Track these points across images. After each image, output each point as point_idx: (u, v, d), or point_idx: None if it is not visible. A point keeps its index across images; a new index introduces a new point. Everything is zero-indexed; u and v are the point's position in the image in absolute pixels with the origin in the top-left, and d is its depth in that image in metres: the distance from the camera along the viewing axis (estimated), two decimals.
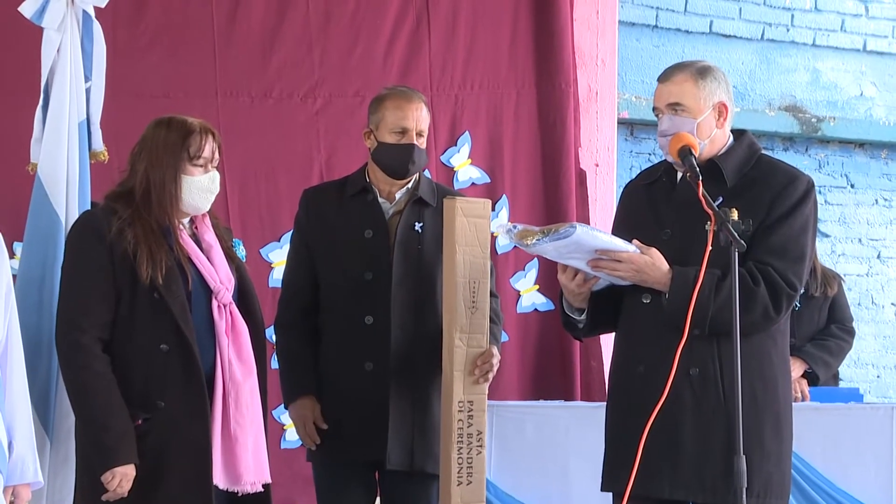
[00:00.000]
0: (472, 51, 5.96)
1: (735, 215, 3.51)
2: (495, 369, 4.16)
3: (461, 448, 4.09)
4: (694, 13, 7.68)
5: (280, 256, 5.48)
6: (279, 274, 4.94)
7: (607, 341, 4.72)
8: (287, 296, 4.36)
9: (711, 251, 3.53)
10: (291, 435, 5.36)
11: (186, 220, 3.88)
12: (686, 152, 3.66)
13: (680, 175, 3.79)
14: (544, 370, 5.96)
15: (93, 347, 3.69)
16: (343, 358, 4.22)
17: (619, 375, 3.82)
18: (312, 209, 4.36)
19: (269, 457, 3.90)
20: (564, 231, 3.57)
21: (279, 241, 5.65)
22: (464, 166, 5.94)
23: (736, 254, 3.46)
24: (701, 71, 3.76)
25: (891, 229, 8.25)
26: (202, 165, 3.82)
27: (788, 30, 7.95)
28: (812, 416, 5.25)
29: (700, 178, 3.59)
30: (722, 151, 3.77)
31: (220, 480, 3.74)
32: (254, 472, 3.79)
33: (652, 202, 3.83)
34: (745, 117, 7.26)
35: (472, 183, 5.93)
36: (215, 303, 3.80)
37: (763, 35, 7.89)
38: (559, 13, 6.00)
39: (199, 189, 3.81)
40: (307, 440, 4.24)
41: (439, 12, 5.92)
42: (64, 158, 4.09)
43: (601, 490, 3.81)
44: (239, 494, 3.79)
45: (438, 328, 4.17)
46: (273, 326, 4.37)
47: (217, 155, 3.86)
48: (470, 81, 5.96)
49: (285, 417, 5.09)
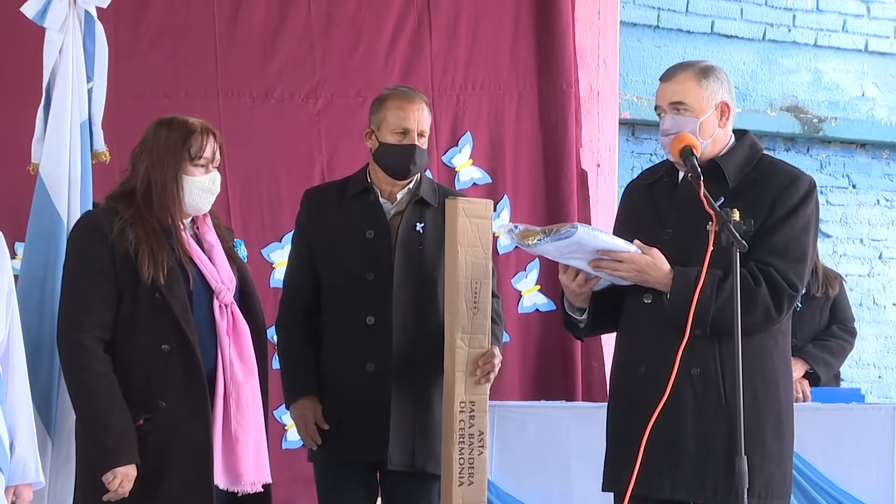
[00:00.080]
0: (474, 51, 5.96)
1: (736, 216, 3.50)
2: (497, 370, 4.16)
3: (462, 448, 4.08)
4: (695, 13, 7.67)
5: (281, 257, 5.47)
6: (280, 274, 4.93)
7: (608, 341, 4.71)
8: (288, 296, 4.35)
9: (713, 251, 3.53)
10: (293, 435, 5.36)
11: (188, 221, 3.88)
12: (688, 153, 3.65)
13: (681, 175, 3.79)
14: (545, 370, 5.96)
15: (94, 347, 3.69)
16: (344, 358, 4.22)
17: (621, 375, 3.82)
18: (314, 209, 4.35)
19: (271, 457, 3.90)
20: (566, 231, 3.56)
21: (280, 242, 5.64)
22: (465, 167, 5.93)
23: (737, 254, 3.46)
24: (704, 70, 3.76)
25: (892, 230, 8.24)
26: (203, 166, 3.82)
27: (790, 30, 7.94)
28: (813, 417, 5.24)
29: (701, 179, 3.59)
30: (723, 152, 3.77)
31: (221, 480, 3.74)
32: (254, 473, 3.79)
33: (653, 202, 3.82)
34: (747, 118, 7.25)
35: (474, 183, 5.93)
36: (217, 303, 3.80)
37: (764, 35, 7.88)
38: (560, 14, 6.00)
39: (200, 189, 3.81)
40: (308, 440, 4.24)
41: (441, 13, 5.92)
42: (66, 158, 4.10)
43: (602, 490, 3.81)
44: (239, 494, 3.79)
45: (439, 328, 4.17)
46: (274, 327, 4.37)
47: (218, 155, 3.86)
48: (471, 82, 5.95)
49: (286, 418, 5.09)
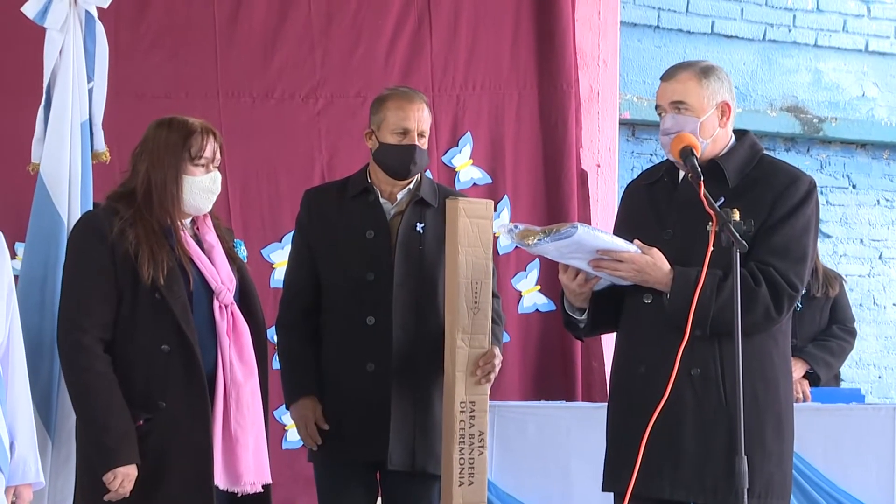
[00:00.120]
0: (474, 51, 5.96)
1: (737, 216, 3.50)
2: (497, 370, 4.16)
3: (463, 449, 4.08)
4: (696, 14, 7.67)
5: (281, 257, 5.47)
6: (280, 274, 4.93)
7: (608, 341, 4.71)
8: (288, 296, 4.35)
9: (713, 251, 3.53)
10: (293, 435, 5.36)
11: (188, 221, 3.88)
12: (688, 153, 3.65)
13: (682, 175, 3.79)
14: (545, 370, 5.96)
15: (94, 348, 3.69)
16: (344, 358, 4.22)
17: (621, 376, 3.81)
18: (314, 210, 4.35)
19: (271, 457, 3.90)
20: (566, 231, 3.56)
21: (280, 242, 5.64)
22: (465, 167, 5.93)
23: (737, 254, 3.46)
24: (705, 70, 3.76)
25: (892, 230, 8.24)
26: (203, 165, 3.81)
27: (790, 30, 7.94)
28: (813, 417, 5.24)
29: (702, 179, 3.59)
30: (724, 151, 3.77)
31: (221, 481, 3.74)
32: (254, 473, 3.79)
33: (653, 202, 3.82)
34: (747, 118, 7.25)
35: (474, 183, 5.93)
36: (217, 303, 3.80)
37: (765, 35, 7.88)
38: (561, 14, 6.00)
39: (201, 189, 3.81)
40: (308, 441, 4.24)
41: (441, 13, 5.92)
42: (66, 159, 4.10)
43: (602, 490, 3.81)
44: (239, 495, 3.79)
45: (440, 329, 4.17)
46: (274, 327, 4.37)
47: (218, 155, 3.85)
48: (471, 82, 5.95)
49: (287, 418, 5.09)
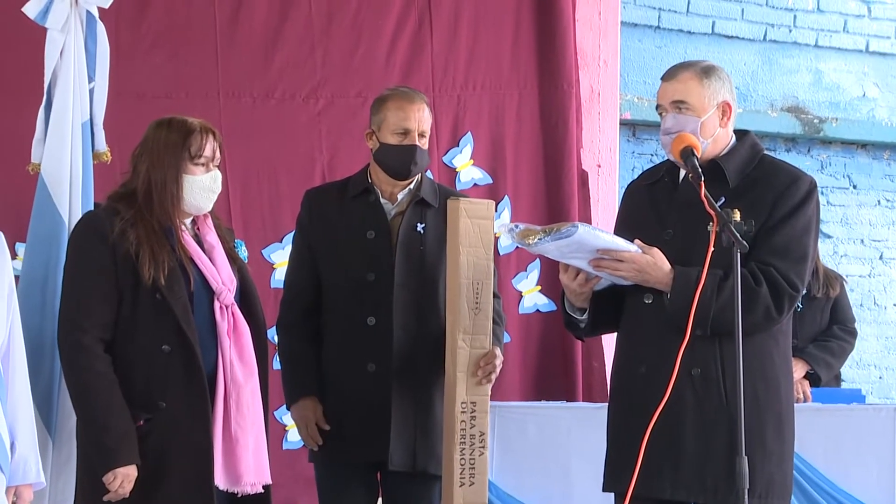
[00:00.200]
0: (475, 51, 5.96)
1: (737, 216, 3.50)
2: (498, 370, 4.16)
3: (463, 449, 4.08)
4: (696, 14, 7.67)
5: (282, 257, 5.47)
6: (281, 275, 4.93)
7: (609, 342, 4.71)
8: (289, 296, 4.35)
9: (713, 251, 3.53)
10: (293, 436, 5.36)
11: (188, 221, 3.88)
12: (688, 153, 3.65)
13: (682, 175, 3.79)
14: (546, 371, 5.95)
15: (94, 348, 3.69)
16: (345, 359, 4.22)
17: (621, 376, 3.81)
18: (314, 210, 4.35)
19: (271, 458, 3.90)
20: (566, 230, 3.56)
21: (281, 242, 5.64)
22: (466, 167, 5.93)
23: (738, 254, 3.46)
24: (706, 70, 3.76)
25: (893, 230, 8.24)
26: (203, 164, 3.81)
27: (791, 31, 7.94)
28: (814, 417, 5.24)
29: (702, 179, 3.58)
30: (724, 152, 3.77)
31: (221, 481, 3.74)
32: (254, 473, 3.79)
33: (654, 202, 3.82)
34: (748, 118, 7.25)
35: (475, 184, 5.93)
36: (217, 304, 3.80)
37: (765, 36, 7.88)
38: (561, 14, 6.00)
39: (201, 189, 3.81)
40: (309, 441, 4.24)
41: (441, 13, 5.92)
42: (67, 159, 4.10)
43: (603, 490, 3.81)
44: (239, 495, 3.79)
45: (440, 329, 4.17)
46: (275, 327, 4.36)
47: (218, 154, 3.85)
48: (472, 82, 5.95)
49: (287, 418, 5.08)
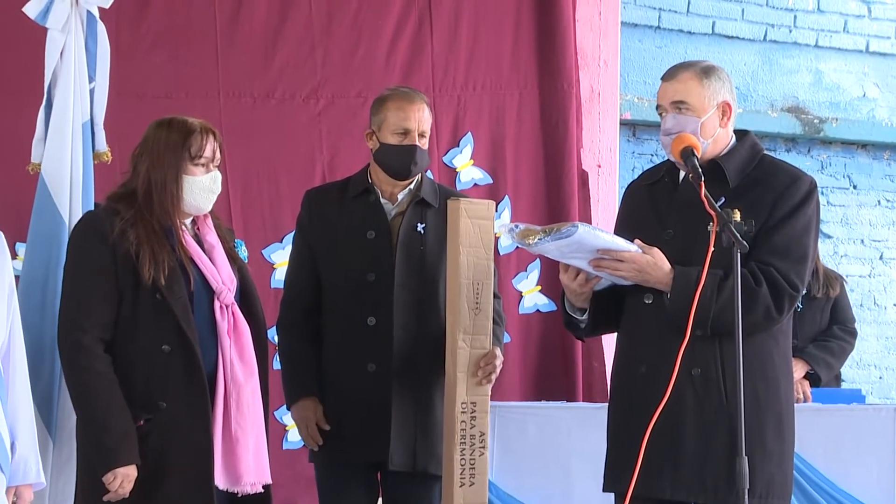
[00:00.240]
0: (475, 51, 5.96)
1: (737, 216, 3.50)
2: (498, 371, 4.16)
3: (464, 449, 4.08)
4: (696, 14, 7.67)
5: (282, 257, 5.47)
6: (281, 275, 4.93)
7: (609, 342, 4.71)
8: (289, 297, 4.35)
9: (714, 251, 3.53)
10: (294, 436, 5.36)
11: (188, 221, 3.88)
12: (688, 153, 3.65)
13: (682, 175, 3.79)
14: (546, 371, 5.95)
15: (94, 348, 3.69)
16: (345, 359, 4.22)
17: (621, 376, 3.81)
18: (315, 210, 4.35)
19: (272, 458, 3.90)
20: (566, 230, 3.56)
21: (281, 242, 5.64)
22: (466, 167, 5.93)
23: (738, 254, 3.46)
24: (706, 70, 3.76)
25: (893, 230, 8.24)
26: (204, 165, 3.81)
27: (791, 31, 7.94)
28: (814, 417, 5.24)
29: (702, 179, 3.58)
30: (724, 152, 3.77)
31: (221, 481, 3.74)
32: (254, 473, 3.79)
33: (654, 202, 3.82)
34: (748, 118, 7.25)
35: (475, 184, 5.93)
36: (217, 303, 3.80)
37: (765, 36, 7.88)
38: (561, 14, 6.00)
39: (202, 189, 3.81)
40: (309, 441, 4.24)
41: (441, 13, 5.92)
42: (68, 159, 4.10)
43: (603, 491, 3.81)
44: (239, 495, 3.79)
45: (441, 329, 4.17)
46: (275, 327, 4.37)
47: (218, 154, 3.85)
48: (472, 82, 5.95)
49: (287, 418, 5.08)
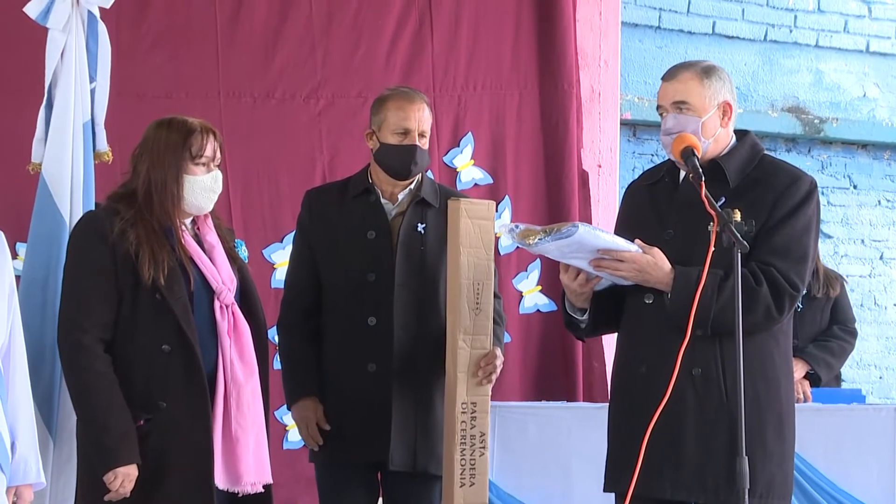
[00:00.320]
0: (475, 52, 5.96)
1: (737, 216, 3.50)
2: (498, 371, 4.16)
3: (464, 450, 4.08)
4: (697, 14, 7.67)
5: (282, 257, 5.47)
6: (281, 275, 4.93)
7: (609, 342, 4.72)
8: (289, 297, 4.35)
9: (714, 251, 3.53)
10: (294, 436, 5.36)
11: (188, 221, 3.88)
12: (689, 153, 3.65)
13: (682, 175, 3.79)
14: (546, 371, 5.95)
15: (94, 348, 3.69)
16: (346, 359, 4.22)
17: (622, 376, 3.81)
18: (315, 210, 4.35)
19: (272, 457, 3.90)
20: (567, 230, 3.56)
21: (281, 242, 5.64)
22: (466, 167, 5.93)
23: (738, 254, 3.46)
24: (706, 70, 3.76)
25: (893, 230, 8.24)
26: (204, 165, 3.81)
27: (791, 31, 7.94)
28: (814, 417, 5.24)
29: (703, 179, 3.58)
30: (724, 152, 3.77)
31: (221, 481, 3.74)
32: (254, 473, 3.79)
33: (654, 202, 3.82)
34: (748, 118, 7.26)
35: (475, 184, 5.93)
36: (217, 303, 3.80)
37: (766, 36, 7.88)
38: (562, 14, 6.00)
39: (202, 189, 3.80)
40: (310, 441, 4.24)
41: (442, 13, 5.92)
42: (69, 159, 4.09)
43: (603, 491, 3.81)
44: (240, 495, 3.79)
45: (441, 329, 4.17)
46: (276, 327, 4.37)
47: (218, 154, 3.85)
48: (472, 82, 5.95)
49: (288, 418, 5.08)
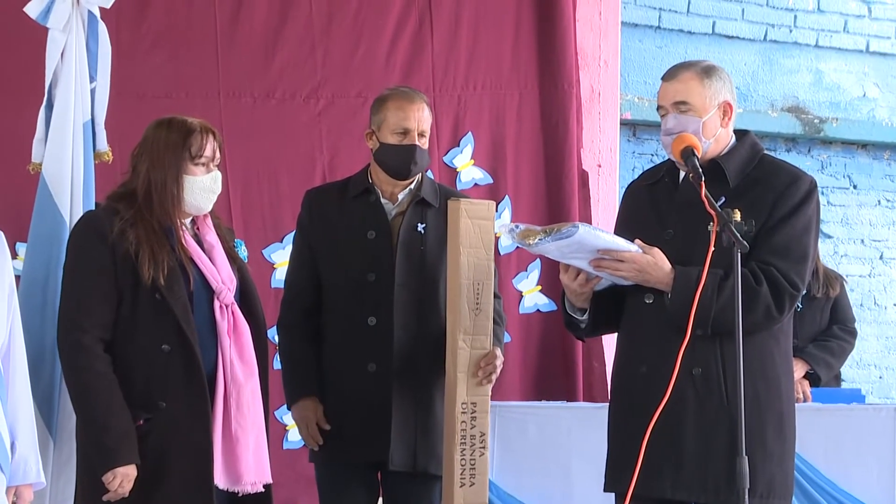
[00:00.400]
0: (475, 51, 5.96)
1: (737, 216, 3.50)
2: (498, 371, 4.16)
3: (464, 450, 4.08)
4: (697, 14, 7.67)
5: (282, 257, 5.47)
6: (281, 275, 4.93)
7: (609, 342, 4.72)
8: (289, 296, 4.35)
9: (714, 251, 3.53)
10: (294, 435, 5.36)
11: (188, 221, 3.88)
12: (689, 153, 3.65)
13: (682, 175, 3.79)
14: (546, 371, 5.95)
15: (94, 348, 3.69)
16: (346, 359, 4.22)
17: (622, 376, 3.81)
18: (315, 210, 4.35)
19: (272, 457, 3.90)
20: (567, 230, 3.56)
21: (281, 242, 5.64)
22: (466, 167, 5.93)
23: (738, 254, 3.46)
24: (706, 70, 3.76)
25: (893, 230, 8.24)
26: (204, 165, 3.81)
27: (791, 31, 7.94)
28: (814, 417, 5.24)
29: (703, 179, 3.58)
30: (724, 151, 3.77)
31: (221, 481, 3.74)
32: (254, 473, 3.79)
33: (654, 202, 3.82)
34: (748, 118, 7.26)
35: (475, 184, 5.93)
36: (217, 303, 3.80)
37: (766, 36, 7.88)
38: (562, 14, 5.99)
39: (202, 189, 3.80)
40: (310, 441, 4.24)
41: (442, 13, 5.92)
42: (69, 159, 4.09)
43: (604, 490, 3.81)
44: (240, 494, 3.79)
45: (441, 329, 4.17)
46: (276, 327, 4.37)
47: (218, 154, 3.85)
48: (472, 82, 5.95)
49: (288, 418, 5.08)
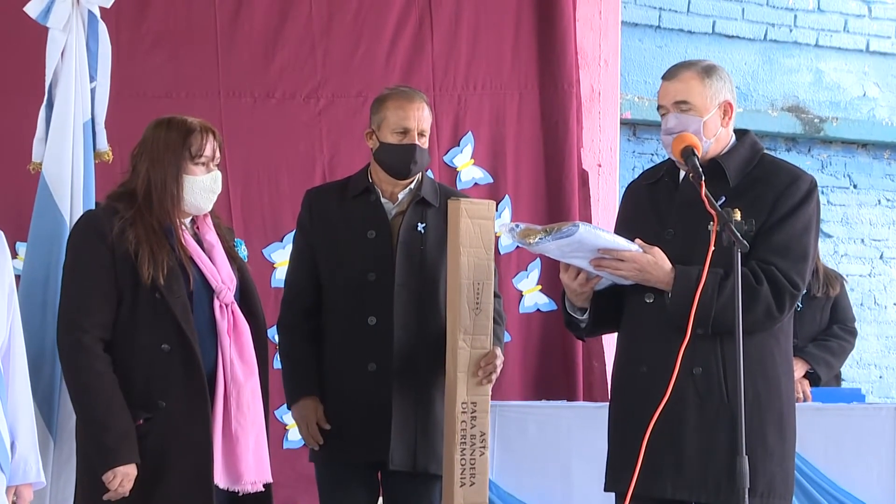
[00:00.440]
0: (475, 51, 5.96)
1: (738, 215, 3.50)
2: (499, 371, 4.16)
3: (464, 449, 4.08)
4: (697, 13, 7.67)
5: (282, 257, 5.47)
6: (281, 274, 4.94)
7: (610, 341, 4.72)
8: (289, 296, 4.35)
9: (714, 251, 3.53)
10: (294, 435, 5.36)
11: (188, 220, 3.88)
12: (689, 153, 3.65)
13: (683, 175, 3.79)
14: (547, 370, 5.95)
15: (94, 347, 3.69)
16: (346, 358, 4.22)
17: (622, 375, 3.81)
18: (315, 209, 4.35)
19: (272, 457, 3.90)
20: (567, 230, 3.56)
21: (281, 242, 5.64)
22: (466, 167, 5.93)
23: (738, 254, 3.46)
24: (707, 69, 3.76)
25: (893, 230, 8.24)
26: (204, 164, 3.81)
27: (791, 30, 7.94)
28: (814, 417, 5.24)
29: (703, 179, 3.59)
30: (724, 151, 3.77)
31: (221, 480, 3.74)
32: (254, 472, 3.79)
33: (654, 202, 3.82)
34: (748, 118, 7.26)
35: (475, 183, 5.93)
36: (217, 303, 3.80)
37: (766, 35, 7.88)
38: (562, 14, 5.99)
39: (202, 189, 3.80)
40: (310, 440, 4.24)
41: (442, 13, 5.92)
42: (69, 159, 4.09)
43: (604, 490, 3.81)
44: (240, 494, 3.79)
45: (441, 329, 4.17)
46: (276, 327, 4.37)
47: (218, 154, 3.85)
48: (472, 82, 5.95)
49: (288, 417, 5.09)
